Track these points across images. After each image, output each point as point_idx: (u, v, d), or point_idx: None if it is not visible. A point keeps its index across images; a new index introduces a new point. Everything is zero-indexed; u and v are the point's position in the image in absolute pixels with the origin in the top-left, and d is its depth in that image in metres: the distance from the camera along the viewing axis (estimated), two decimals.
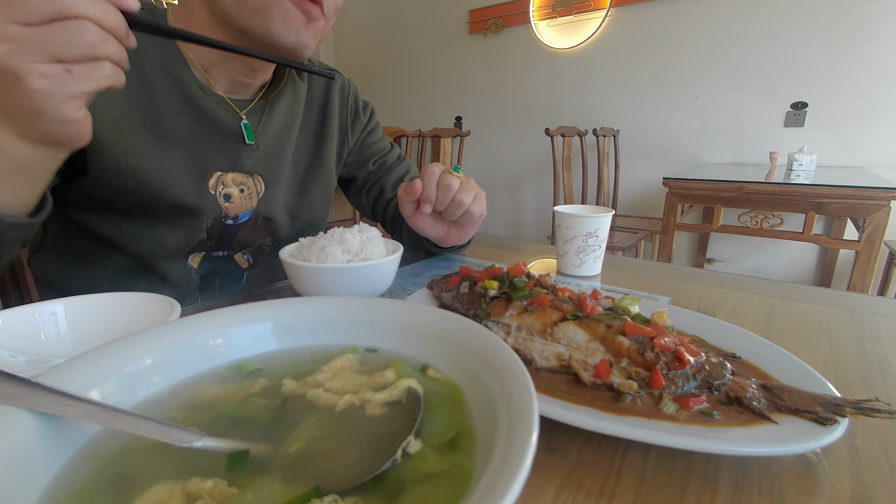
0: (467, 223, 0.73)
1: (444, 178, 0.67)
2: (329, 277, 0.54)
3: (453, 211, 0.68)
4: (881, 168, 2.32)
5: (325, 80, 0.82)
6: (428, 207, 0.68)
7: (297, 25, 0.60)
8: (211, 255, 0.73)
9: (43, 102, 0.38)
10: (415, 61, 3.96)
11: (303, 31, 0.61)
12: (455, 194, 0.67)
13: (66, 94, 0.39)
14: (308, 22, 0.61)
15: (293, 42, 0.61)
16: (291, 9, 0.59)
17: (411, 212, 0.71)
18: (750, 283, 0.71)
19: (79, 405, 0.23)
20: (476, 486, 0.20)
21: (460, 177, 0.68)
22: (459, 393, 0.29)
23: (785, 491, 0.29)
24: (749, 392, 0.34)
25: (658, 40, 2.84)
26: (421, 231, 0.74)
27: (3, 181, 0.44)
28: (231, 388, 0.30)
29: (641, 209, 3.10)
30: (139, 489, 0.21)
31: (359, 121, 0.89)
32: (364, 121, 0.90)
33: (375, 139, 0.93)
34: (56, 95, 0.38)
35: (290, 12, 0.59)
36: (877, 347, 0.49)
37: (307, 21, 0.61)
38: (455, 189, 0.67)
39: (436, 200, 0.67)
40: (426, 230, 0.73)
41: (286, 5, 0.59)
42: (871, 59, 2.28)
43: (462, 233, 0.76)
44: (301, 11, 0.60)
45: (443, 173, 0.67)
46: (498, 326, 0.46)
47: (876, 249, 1.67)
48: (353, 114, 0.88)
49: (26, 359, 0.37)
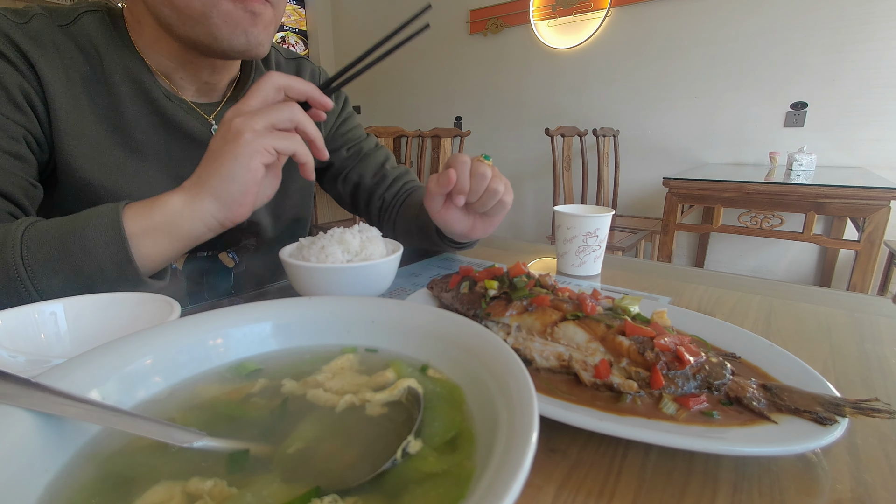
0: (499, 213, 0.68)
1: (476, 167, 0.62)
2: (329, 277, 0.54)
3: (486, 201, 0.64)
4: (881, 168, 2.32)
5: (294, 69, 0.82)
6: (462, 199, 0.63)
7: (244, 25, 0.57)
8: (195, 255, 0.73)
9: (244, 148, 0.48)
10: (415, 61, 3.96)
11: (251, 31, 0.58)
12: (489, 183, 0.62)
13: (261, 145, 0.48)
14: (253, 18, 0.58)
15: (244, 44, 0.58)
16: (231, 9, 0.56)
17: (440, 205, 0.66)
18: (750, 283, 0.71)
19: (79, 405, 0.23)
20: (476, 486, 0.20)
21: (490, 164, 0.64)
22: (459, 393, 0.29)
23: (785, 491, 0.29)
24: (749, 392, 0.34)
25: (658, 40, 2.84)
26: (447, 226, 0.69)
27: (154, 234, 0.49)
28: (231, 388, 0.30)
29: (641, 209, 3.10)
30: (139, 489, 0.21)
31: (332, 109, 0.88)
32: (337, 110, 0.88)
33: (350, 127, 0.90)
34: (255, 144, 0.48)
35: (231, 14, 0.56)
36: (877, 347, 0.49)
37: (252, 17, 0.58)
38: (489, 177, 0.62)
39: (469, 191, 0.62)
40: (454, 225, 0.68)
41: (224, 6, 0.55)
42: (871, 58, 2.28)
43: (488, 225, 0.71)
44: (243, 10, 0.56)
45: (474, 162, 0.63)
46: (498, 326, 0.46)
47: (876, 249, 1.67)
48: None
49: (26, 359, 0.37)
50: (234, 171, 0.48)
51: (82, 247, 0.45)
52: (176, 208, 0.49)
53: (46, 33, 0.57)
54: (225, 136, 0.49)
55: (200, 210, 0.50)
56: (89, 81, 0.60)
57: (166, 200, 0.49)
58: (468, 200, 0.64)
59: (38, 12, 0.58)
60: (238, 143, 0.48)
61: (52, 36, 0.57)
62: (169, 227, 0.49)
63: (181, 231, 0.50)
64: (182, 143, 0.66)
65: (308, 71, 0.84)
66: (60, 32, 0.58)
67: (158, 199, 0.50)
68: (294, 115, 0.51)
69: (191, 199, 0.50)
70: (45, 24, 0.58)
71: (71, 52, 0.58)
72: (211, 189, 0.49)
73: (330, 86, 0.56)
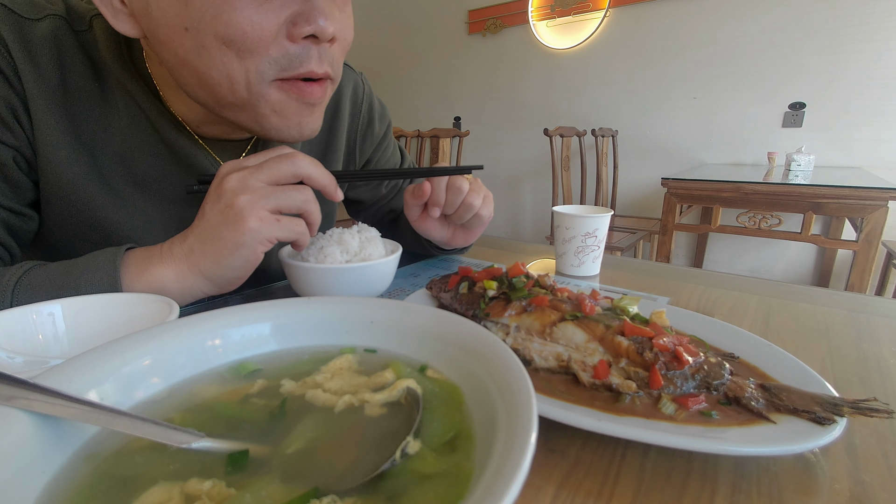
0: (476, 226, 0.70)
1: (453, 181, 0.62)
2: (328, 278, 0.54)
3: (462, 214, 0.65)
4: (879, 168, 2.33)
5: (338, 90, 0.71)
6: (437, 211, 0.64)
7: (298, 118, 0.49)
8: None
9: (246, 239, 0.44)
10: (413, 61, 3.96)
11: (306, 122, 0.50)
12: (465, 197, 0.63)
13: (265, 236, 0.45)
14: (311, 108, 0.50)
15: (296, 136, 0.51)
16: (284, 100, 0.47)
17: (417, 215, 0.67)
18: (748, 283, 0.71)
19: (77, 406, 0.23)
20: (475, 486, 0.20)
21: (469, 178, 0.64)
22: (458, 393, 0.29)
23: (783, 491, 0.29)
24: (747, 392, 0.35)
25: (657, 41, 2.85)
26: (426, 234, 0.70)
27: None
28: (229, 388, 0.30)
29: (640, 209, 3.10)
30: (137, 490, 0.21)
31: (371, 135, 0.78)
32: (379, 135, 0.79)
33: (388, 156, 0.83)
34: (259, 236, 0.44)
35: (284, 105, 0.47)
36: (875, 347, 0.49)
37: (310, 109, 0.49)
38: (465, 192, 0.63)
39: (445, 203, 0.63)
40: (432, 233, 0.69)
41: (275, 97, 0.46)
42: (870, 59, 2.29)
43: (468, 235, 0.72)
44: (298, 101, 0.48)
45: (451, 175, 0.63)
46: (497, 327, 0.46)
47: (874, 249, 1.68)
48: (364, 126, 0.77)
49: (24, 359, 0.37)
50: (234, 262, 0.45)
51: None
52: (165, 281, 0.46)
53: (51, 40, 0.50)
54: (225, 211, 0.44)
55: (192, 288, 0.47)
56: (92, 101, 0.52)
57: (156, 272, 0.46)
58: (445, 212, 0.65)
59: (55, 12, 0.51)
60: (240, 229, 0.44)
61: (59, 44, 0.50)
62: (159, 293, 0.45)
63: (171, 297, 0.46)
64: (186, 177, 0.58)
65: (351, 83, 0.74)
66: (73, 40, 0.51)
67: (148, 266, 0.46)
68: (306, 205, 0.47)
69: (182, 275, 0.46)
70: (56, 27, 0.50)
71: (76, 65, 0.51)
72: (206, 272, 0.46)
73: (347, 178, 0.52)
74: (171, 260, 0.46)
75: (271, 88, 0.46)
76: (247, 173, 0.45)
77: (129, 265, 0.46)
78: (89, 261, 0.45)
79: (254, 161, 0.47)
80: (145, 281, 0.46)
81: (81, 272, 0.44)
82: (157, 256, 0.47)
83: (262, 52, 0.44)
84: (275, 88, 0.46)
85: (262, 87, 0.46)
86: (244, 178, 0.45)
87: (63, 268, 0.45)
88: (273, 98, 0.47)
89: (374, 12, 4.11)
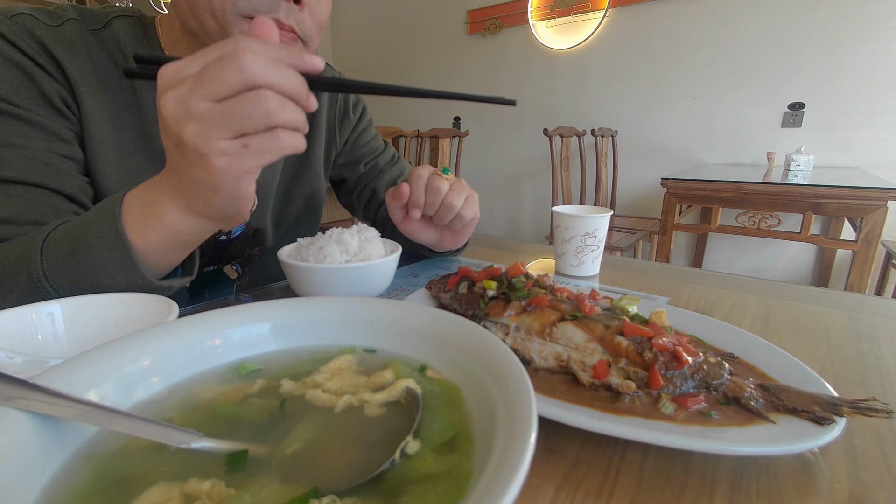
0: (459, 227, 0.69)
1: (432, 181, 0.63)
2: (327, 278, 0.54)
3: (443, 215, 0.65)
4: (878, 168, 2.33)
5: None
6: (417, 212, 0.65)
7: None
8: (202, 270, 0.72)
9: (221, 179, 0.38)
10: (413, 61, 3.96)
11: None
12: (444, 197, 0.63)
13: (242, 170, 0.38)
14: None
15: None
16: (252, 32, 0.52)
17: (401, 217, 0.67)
18: (748, 283, 0.71)
19: (76, 406, 0.23)
20: (474, 486, 0.20)
21: (450, 178, 0.64)
22: (458, 393, 0.29)
23: (783, 490, 0.29)
24: (747, 392, 0.35)
25: (656, 41, 2.85)
26: (412, 237, 0.69)
27: (158, 250, 0.45)
28: (229, 388, 0.30)
29: (639, 209, 3.10)
30: (137, 490, 0.21)
31: (347, 120, 0.85)
32: (354, 120, 0.86)
33: (367, 139, 0.88)
34: (233, 171, 0.38)
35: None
36: (874, 347, 0.49)
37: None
38: (444, 192, 0.63)
39: (424, 204, 0.64)
40: (417, 235, 0.69)
41: (245, 28, 0.53)
42: (869, 59, 2.29)
43: (456, 237, 0.72)
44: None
45: (431, 176, 0.63)
46: (496, 327, 0.46)
47: (873, 249, 1.68)
48: (341, 112, 0.84)
49: (23, 360, 0.37)
50: (221, 201, 0.41)
51: (88, 255, 0.44)
52: (172, 224, 0.44)
53: (78, 38, 0.57)
54: (179, 148, 0.38)
55: (199, 227, 0.45)
56: (116, 87, 0.60)
57: (161, 216, 0.43)
58: (426, 213, 0.66)
59: (72, 17, 0.58)
60: (207, 170, 0.38)
61: (84, 41, 0.58)
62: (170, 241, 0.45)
63: (182, 243, 0.47)
64: None
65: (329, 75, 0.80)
66: (92, 37, 0.59)
67: (151, 212, 0.44)
68: (272, 118, 0.36)
69: (183, 216, 0.44)
70: (77, 29, 0.58)
71: (101, 56, 0.59)
72: (200, 213, 0.44)
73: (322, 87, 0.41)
74: (167, 199, 0.43)
75: (243, 21, 0.53)
76: (185, 91, 0.36)
77: (130, 210, 0.45)
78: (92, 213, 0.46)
79: (194, 66, 0.36)
80: (153, 227, 0.44)
81: (88, 223, 0.45)
82: (153, 199, 0.44)
83: None
84: (246, 22, 0.53)
85: (234, 18, 0.52)
86: (183, 98, 0.36)
87: (76, 222, 0.47)
88: (244, 28, 0.53)
89: (373, 12, 4.11)
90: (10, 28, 0.53)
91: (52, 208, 0.53)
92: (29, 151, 0.52)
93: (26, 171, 0.51)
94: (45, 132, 0.54)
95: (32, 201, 0.51)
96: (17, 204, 0.51)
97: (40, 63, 0.54)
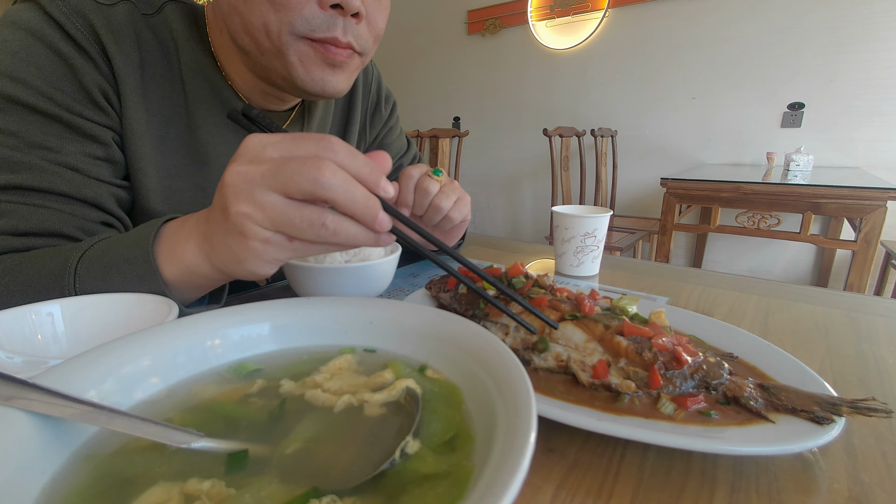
0: (447, 228, 0.68)
1: (421, 182, 0.62)
2: (327, 278, 0.54)
3: (432, 216, 0.64)
4: (878, 168, 2.33)
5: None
6: (406, 212, 0.63)
7: (321, 73, 0.55)
8: None
9: (250, 256, 0.37)
10: (413, 61, 3.96)
11: (329, 79, 0.55)
12: (433, 199, 0.62)
13: (275, 258, 0.37)
14: (333, 69, 0.55)
15: (319, 89, 0.56)
16: (309, 53, 0.53)
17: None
18: (747, 283, 0.71)
19: (76, 406, 0.23)
20: (474, 486, 0.20)
21: (441, 180, 0.63)
22: (458, 393, 0.29)
23: (782, 490, 0.29)
24: (746, 392, 0.35)
25: (656, 41, 2.85)
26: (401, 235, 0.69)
27: (176, 287, 0.44)
28: (229, 388, 0.30)
29: (639, 209, 3.10)
30: (137, 490, 0.21)
31: (379, 115, 0.83)
32: (385, 116, 0.84)
33: (394, 137, 0.86)
34: (266, 257, 0.37)
35: (308, 57, 0.53)
36: (873, 347, 0.49)
37: (332, 69, 0.55)
38: (433, 193, 0.62)
39: (413, 205, 0.63)
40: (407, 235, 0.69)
41: (302, 48, 0.53)
42: (869, 59, 2.29)
43: (445, 238, 0.71)
44: (322, 59, 0.54)
45: (422, 176, 0.63)
46: (496, 327, 0.46)
47: (872, 249, 1.68)
48: (373, 105, 0.83)
49: (23, 360, 0.37)
50: (240, 272, 0.40)
51: (121, 282, 0.43)
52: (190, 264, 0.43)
53: (129, 23, 0.55)
54: (224, 215, 0.36)
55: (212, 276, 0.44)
56: (163, 78, 0.58)
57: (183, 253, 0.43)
58: (415, 213, 0.65)
59: None
60: (241, 244, 0.37)
61: (135, 26, 0.55)
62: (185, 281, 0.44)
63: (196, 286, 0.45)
64: None
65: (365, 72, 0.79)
66: (143, 23, 0.56)
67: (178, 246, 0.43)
68: (319, 232, 0.34)
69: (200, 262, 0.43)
70: (129, 11, 0.55)
71: (150, 45, 0.57)
72: (220, 266, 0.42)
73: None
74: (193, 239, 0.43)
75: (300, 42, 0.52)
76: (257, 173, 0.34)
77: (163, 240, 0.44)
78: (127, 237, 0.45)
79: (278, 151, 0.35)
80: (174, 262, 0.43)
81: (121, 249, 0.44)
82: (183, 235, 0.44)
83: (294, 9, 0.50)
84: (303, 43, 0.53)
85: (290, 38, 0.52)
86: (252, 180, 0.35)
87: (110, 243, 0.46)
88: (300, 49, 0.53)
89: None
90: (61, 9, 0.50)
91: (78, 219, 0.51)
92: (61, 155, 0.50)
93: (54, 180, 0.50)
94: (81, 134, 0.52)
95: (58, 212, 0.50)
96: (43, 215, 0.49)
97: (86, 49, 0.51)
